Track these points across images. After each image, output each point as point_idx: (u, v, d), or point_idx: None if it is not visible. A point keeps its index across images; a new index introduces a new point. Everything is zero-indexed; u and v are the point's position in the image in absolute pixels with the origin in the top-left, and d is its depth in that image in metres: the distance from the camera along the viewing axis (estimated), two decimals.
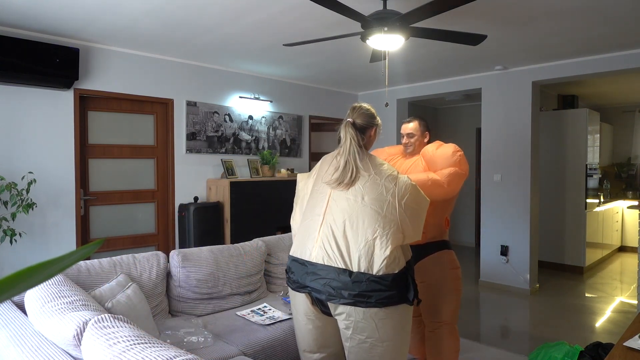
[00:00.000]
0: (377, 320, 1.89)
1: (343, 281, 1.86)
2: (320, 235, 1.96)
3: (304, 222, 2.12)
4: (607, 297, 4.83)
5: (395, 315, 1.92)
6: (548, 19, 3.34)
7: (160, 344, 1.30)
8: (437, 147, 2.69)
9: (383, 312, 1.88)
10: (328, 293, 1.90)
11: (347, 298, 1.86)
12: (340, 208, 1.95)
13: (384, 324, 1.90)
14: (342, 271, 1.87)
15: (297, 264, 2.04)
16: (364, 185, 1.95)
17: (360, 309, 1.87)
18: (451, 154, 2.60)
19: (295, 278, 2.03)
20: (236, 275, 3.06)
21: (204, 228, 4.47)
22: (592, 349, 2.75)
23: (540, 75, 4.85)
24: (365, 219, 1.89)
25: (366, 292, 1.85)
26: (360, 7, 2.89)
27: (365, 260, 1.86)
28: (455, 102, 7.55)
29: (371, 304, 1.85)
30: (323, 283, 1.91)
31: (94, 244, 0.55)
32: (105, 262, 2.62)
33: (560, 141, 6.08)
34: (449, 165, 2.56)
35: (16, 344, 1.58)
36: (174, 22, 3.41)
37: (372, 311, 1.87)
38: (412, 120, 2.84)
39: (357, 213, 1.91)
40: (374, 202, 1.91)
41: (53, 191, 3.80)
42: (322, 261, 1.92)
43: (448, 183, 2.50)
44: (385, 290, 1.85)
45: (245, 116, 5.21)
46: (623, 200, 7.26)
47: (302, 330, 2.11)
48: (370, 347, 1.92)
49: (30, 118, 3.68)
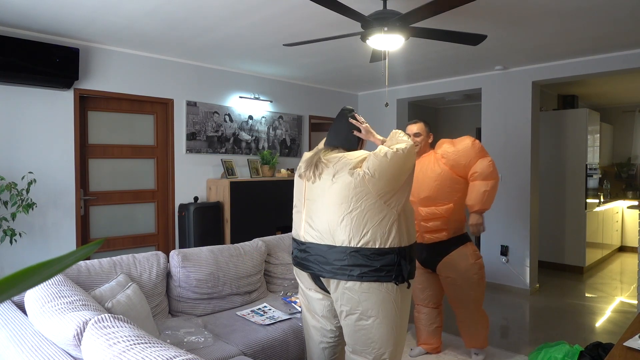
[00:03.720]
0: (360, 294, 2.01)
1: (328, 256, 2.03)
2: (304, 217, 2.16)
3: (295, 209, 2.31)
4: (607, 297, 4.83)
5: (381, 291, 2.00)
6: (548, 19, 3.34)
7: (160, 344, 1.30)
8: (453, 144, 2.94)
9: (366, 286, 1.99)
10: (317, 269, 2.08)
11: (330, 272, 2.03)
12: (316, 192, 2.13)
13: (367, 298, 2.00)
14: (328, 247, 2.03)
15: (295, 242, 2.24)
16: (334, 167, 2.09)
17: (343, 282, 2.02)
18: (471, 145, 2.91)
19: (295, 255, 2.23)
20: (236, 275, 3.06)
21: (204, 228, 4.47)
22: (592, 349, 2.75)
23: (540, 75, 4.85)
24: (339, 196, 2.03)
25: (348, 266, 1.98)
26: (360, 7, 2.89)
27: (345, 234, 1.99)
28: (455, 102, 7.55)
29: (353, 277, 1.98)
30: (313, 260, 2.09)
31: (94, 244, 0.55)
32: (105, 262, 2.62)
33: (560, 141, 6.08)
34: (475, 156, 2.89)
35: (16, 344, 1.58)
36: (174, 22, 3.41)
37: (354, 284, 2.00)
38: (417, 121, 3.08)
39: (330, 193, 2.06)
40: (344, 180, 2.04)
41: (53, 191, 3.80)
42: (311, 239, 2.10)
43: (495, 174, 2.90)
44: (365, 265, 1.97)
45: (245, 116, 5.21)
46: (623, 200, 7.26)
47: (314, 301, 2.23)
48: (357, 320, 2.04)
49: (30, 118, 3.68)
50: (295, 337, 2.69)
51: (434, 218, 2.99)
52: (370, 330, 2.03)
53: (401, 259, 2.00)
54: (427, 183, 2.98)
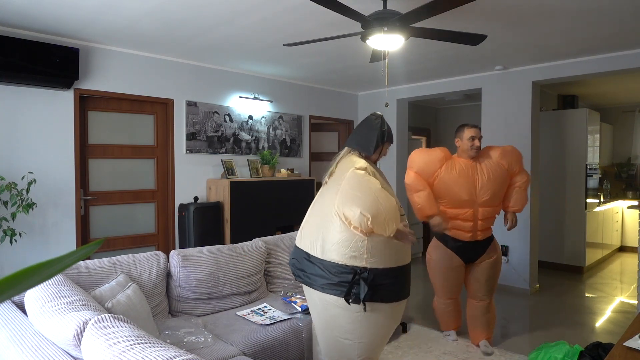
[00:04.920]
0: (320, 303, 2.14)
1: (304, 262, 2.18)
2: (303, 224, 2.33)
3: None
4: (607, 297, 4.83)
5: (336, 306, 2.08)
6: (548, 19, 3.34)
7: (160, 344, 1.30)
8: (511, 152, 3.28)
9: (325, 297, 2.09)
10: (294, 273, 2.26)
11: (302, 278, 2.19)
12: (315, 201, 2.31)
13: (324, 309, 2.13)
14: (306, 254, 2.18)
15: None
16: (330, 180, 2.26)
17: (308, 288, 2.17)
18: (520, 154, 3.32)
19: None
20: (236, 275, 3.06)
21: (204, 228, 4.47)
22: (592, 349, 2.75)
23: (540, 75, 4.85)
24: (324, 209, 2.15)
25: (312, 274, 2.11)
26: (360, 7, 2.89)
27: (318, 245, 2.10)
28: (455, 102, 7.55)
29: (314, 286, 2.11)
30: (293, 263, 2.28)
31: (94, 244, 0.55)
32: (105, 262, 2.62)
33: (560, 141, 6.08)
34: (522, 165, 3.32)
35: (16, 344, 1.58)
36: (174, 22, 3.41)
37: (315, 293, 2.13)
38: (477, 125, 3.35)
39: (320, 204, 2.23)
40: (330, 194, 2.15)
41: (53, 191, 3.80)
42: (299, 245, 2.26)
43: None
44: (324, 277, 2.06)
45: (245, 116, 5.21)
46: (623, 200, 7.26)
47: None
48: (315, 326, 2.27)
49: (30, 118, 3.68)
50: (295, 337, 2.69)
51: (488, 218, 3.27)
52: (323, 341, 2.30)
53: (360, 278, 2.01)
54: (491, 186, 3.18)
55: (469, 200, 3.18)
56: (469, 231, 3.25)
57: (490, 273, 3.37)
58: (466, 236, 3.26)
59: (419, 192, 3.15)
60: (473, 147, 3.20)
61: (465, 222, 3.23)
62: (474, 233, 3.26)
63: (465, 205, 3.19)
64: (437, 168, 3.17)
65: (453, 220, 3.25)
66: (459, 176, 3.17)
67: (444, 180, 3.17)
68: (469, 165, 3.22)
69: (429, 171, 3.18)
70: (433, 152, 3.26)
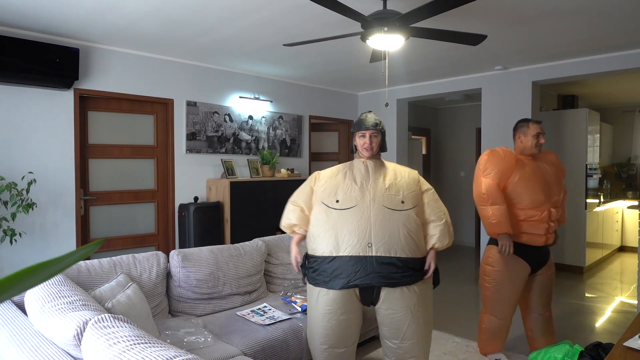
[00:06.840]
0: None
1: None
2: None
3: None
4: (607, 297, 4.83)
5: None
6: (548, 19, 3.34)
7: (160, 344, 1.30)
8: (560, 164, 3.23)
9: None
10: None
11: None
12: None
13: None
14: None
15: None
16: None
17: None
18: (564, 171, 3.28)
19: None
20: (236, 275, 3.06)
21: (204, 228, 4.47)
22: (592, 349, 2.75)
23: (540, 75, 4.85)
24: None
25: None
26: (360, 7, 2.89)
27: None
28: (455, 102, 7.55)
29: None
30: None
31: (94, 244, 0.55)
32: (105, 262, 2.62)
33: (560, 141, 6.08)
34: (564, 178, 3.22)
35: (16, 344, 1.58)
36: (174, 22, 3.41)
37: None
38: (541, 121, 3.11)
39: None
40: None
41: (53, 191, 3.80)
42: None
43: None
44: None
45: (245, 116, 5.21)
46: (623, 200, 7.26)
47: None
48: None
49: (30, 118, 3.68)
50: (295, 337, 2.69)
51: (557, 220, 3.08)
52: None
53: None
54: (558, 188, 3.08)
55: (545, 200, 2.95)
56: (543, 234, 2.96)
57: (547, 286, 3.13)
58: (540, 240, 2.97)
59: (497, 205, 2.86)
60: (538, 144, 2.98)
61: (540, 224, 2.94)
62: (547, 236, 2.99)
63: (541, 205, 2.94)
64: (513, 171, 2.93)
65: (527, 223, 2.95)
66: (532, 175, 2.95)
67: (522, 179, 2.92)
68: (534, 164, 3.01)
69: (506, 177, 2.93)
70: (505, 154, 2.99)
